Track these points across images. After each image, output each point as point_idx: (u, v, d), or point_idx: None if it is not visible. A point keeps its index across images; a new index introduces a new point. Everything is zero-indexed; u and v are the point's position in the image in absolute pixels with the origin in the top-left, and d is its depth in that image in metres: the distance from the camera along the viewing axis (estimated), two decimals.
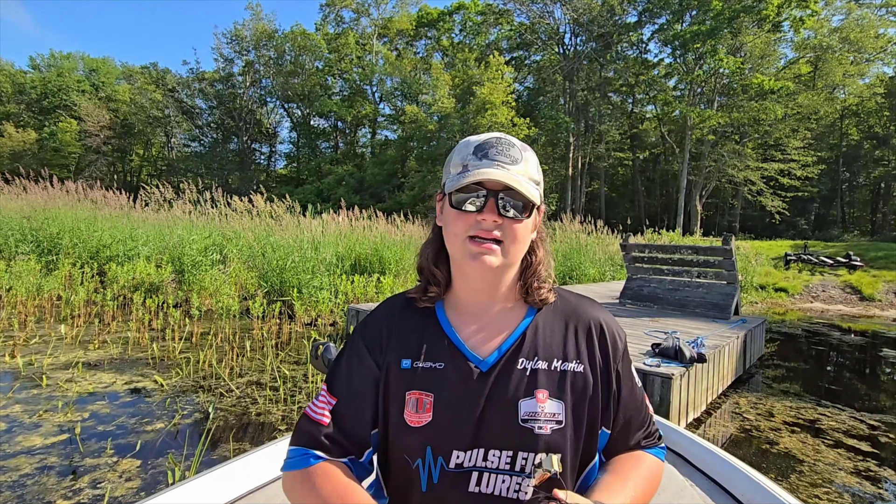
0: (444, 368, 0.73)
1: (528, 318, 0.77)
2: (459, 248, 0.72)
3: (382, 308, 0.83)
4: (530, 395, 0.71)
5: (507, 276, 0.76)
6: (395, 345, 0.77)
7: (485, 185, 0.70)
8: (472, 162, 0.71)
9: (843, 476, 2.92)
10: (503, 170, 0.70)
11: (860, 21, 26.57)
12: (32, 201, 9.58)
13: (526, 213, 0.72)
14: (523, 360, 0.73)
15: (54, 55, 41.15)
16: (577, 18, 29.19)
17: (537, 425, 0.69)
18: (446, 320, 0.78)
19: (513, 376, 0.72)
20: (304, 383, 4.08)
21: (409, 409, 0.71)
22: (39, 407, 3.32)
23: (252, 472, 1.25)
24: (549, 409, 0.70)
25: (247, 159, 39.49)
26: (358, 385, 0.76)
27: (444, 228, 0.76)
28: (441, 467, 0.69)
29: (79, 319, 5.90)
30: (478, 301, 0.78)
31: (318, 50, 36.98)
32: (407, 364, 0.74)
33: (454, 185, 0.70)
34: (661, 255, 6.92)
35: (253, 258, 8.03)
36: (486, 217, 0.69)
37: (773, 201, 25.26)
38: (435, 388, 0.72)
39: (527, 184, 0.71)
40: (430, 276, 0.80)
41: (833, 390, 4.88)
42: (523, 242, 0.74)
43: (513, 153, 0.72)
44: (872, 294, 12.29)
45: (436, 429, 0.70)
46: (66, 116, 36.52)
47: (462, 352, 0.74)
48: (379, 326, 0.80)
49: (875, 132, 29.46)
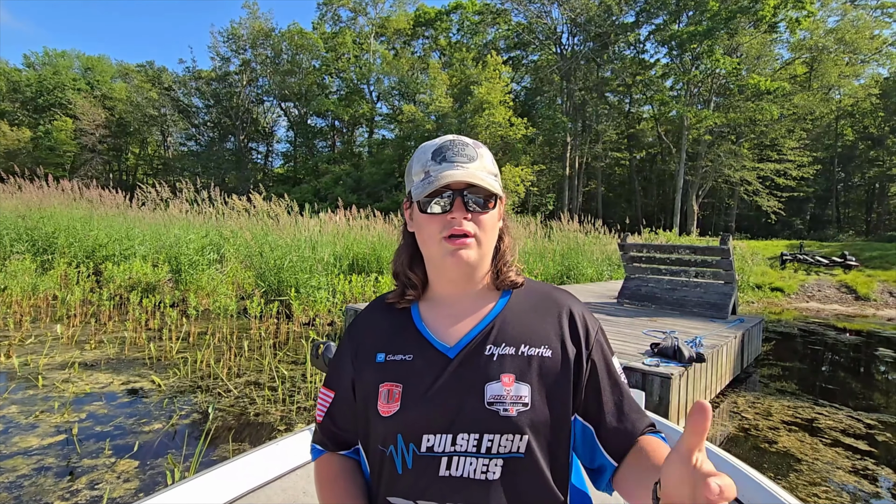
0: (412, 360, 0.77)
1: (498, 306, 0.80)
2: (437, 249, 0.76)
3: (367, 309, 0.89)
4: (496, 378, 0.72)
5: (483, 266, 0.80)
6: (372, 342, 0.82)
7: (450, 186, 0.74)
8: (433, 167, 0.75)
9: (841, 475, 2.93)
10: (463, 169, 0.74)
11: (855, 22, 26.70)
12: (27, 200, 9.52)
13: (491, 205, 0.76)
14: (491, 346, 0.75)
15: (49, 53, 40.83)
16: (575, 18, 29.22)
17: (503, 407, 0.70)
18: (419, 315, 0.82)
19: (479, 361, 0.74)
20: (303, 383, 4.07)
21: (382, 401, 0.75)
22: (36, 407, 3.30)
23: (251, 471, 1.25)
24: (515, 392, 0.71)
25: (243, 158, 39.33)
26: (344, 381, 0.83)
27: (418, 233, 0.79)
28: (413, 452, 0.72)
29: (75, 319, 5.86)
30: (453, 293, 0.81)
31: (316, 49, 36.86)
32: (381, 358, 0.79)
33: (422, 192, 0.74)
34: (659, 255, 6.94)
35: (250, 258, 8.00)
36: (456, 215, 0.74)
37: (769, 201, 25.37)
38: (404, 379, 0.75)
39: (487, 178, 0.75)
40: (406, 281, 0.84)
41: (830, 389, 4.91)
42: (493, 232, 0.78)
43: (468, 152, 0.76)
44: (868, 294, 12.36)
45: (404, 416, 0.72)
46: (61, 115, 36.27)
47: (430, 341, 0.78)
48: (362, 326, 0.86)
49: (870, 133, 29.63)
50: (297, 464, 1.38)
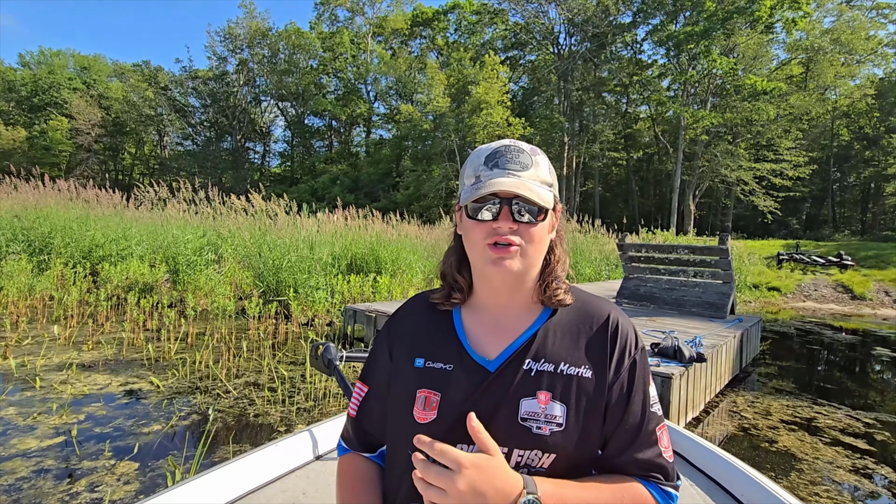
0: (452, 370, 0.75)
1: (540, 320, 0.78)
2: (480, 256, 0.74)
3: (407, 306, 0.88)
4: (532, 395, 0.71)
5: (528, 278, 0.77)
6: (411, 343, 0.81)
7: (498, 193, 0.71)
8: (484, 172, 0.74)
9: (841, 474, 2.94)
10: (514, 177, 0.72)
11: (851, 23, 26.85)
12: (23, 200, 9.45)
13: (541, 217, 0.73)
14: (529, 361, 0.74)
15: (44, 52, 40.61)
16: (572, 18, 29.27)
17: (536, 425, 0.70)
18: (461, 323, 0.80)
19: (517, 376, 0.73)
20: (303, 384, 4.05)
21: (418, 407, 0.74)
22: (34, 409, 3.27)
23: (251, 472, 1.25)
24: (551, 412, 0.71)
25: (240, 158, 39.24)
26: (380, 377, 0.83)
27: (464, 238, 0.78)
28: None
29: (72, 320, 5.83)
30: (496, 303, 0.79)
31: (313, 48, 36.81)
32: (420, 363, 0.78)
33: (469, 197, 0.73)
34: (658, 255, 6.95)
35: (248, 258, 7.97)
36: (502, 224, 0.71)
37: (766, 201, 25.47)
38: (442, 388, 0.74)
39: (538, 188, 0.73)
40: (454, 283, 0.82)
41: (828, 389, 4.93)
42: (541, 244, 0.75)
43: (522, 159, 0.74)
44: (863, 293, 12.43)
45: (440, 426, 0.72)
46: (56, 114, 36.07)
47: (469, 354, 0.76)
48: (402, 324, 0.85)
49: (865, 133, 29.77)
50: (297, 465, 1.37)
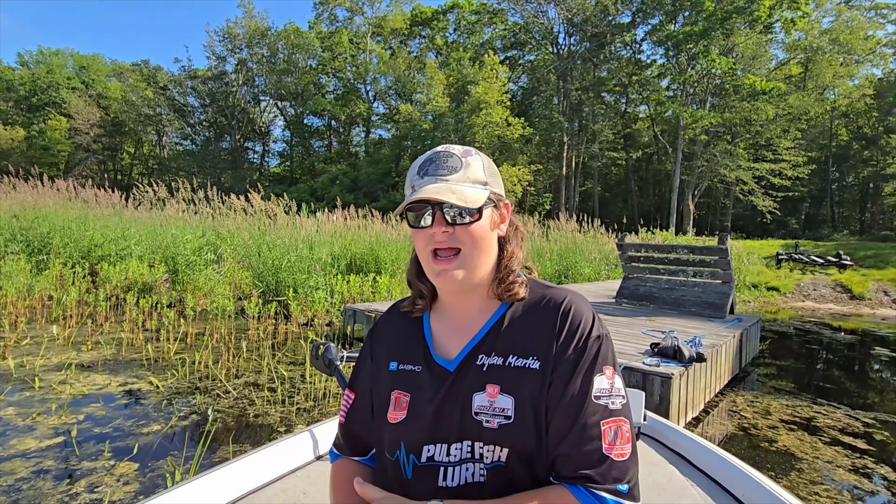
0: (420, 371, 0.79)
1: (494, 316, 0.79)
2: (427, 266, 0.77)
3: (386, 314, 0.92)
4: (482, 389, 0.73)
5: (478, 279, 0.77)
6: (388, 348, 0.85)
7: (427, 199, 0.72)
8: (417, 181, 0.76)
9: (841, 473, 2.94)
10: (442, 182, 0.73)
11: (850, 23, 26.89)
12: (22, 200, 9.44)
13: (476, 216, 0.73)
14: (482, 356, 0.76)
15: (43, 52, 40.51)
16: (571, 18, 29.26)
17: (485, 419, 0.71)
18: (428, 327, 0.84)
19: (470, 372, 0.75)
20: (302, 384, 4.05)
21: (391, 408, 0.78)
22: (33, 409, 3.27)
23: (251, 473, 1.25)
24: (499, 404, 0.71)
25: (239, 158, 39.17)
26: (365, 384, 0.86)
27: (415, 246, 0.80)
28: (413, 463, 0.74)
29: (71, 320, 5.82)
30: (456, 303, 0.82)
31: (312, 48, 36.76)
32: (394, 366, 0.82)
33: (404, 206, 0.75)
34: (657, 255, 6.95)
35: (248, 258, 7.96)
36: (436, 230, 0.73)
37: (765, 201, 25.50)
38: (411, 389, 0.78)
39: (467, 188, 0.73)
40: (417, 291, 0.85)
41: (827, 388, 4.93)
42: (482, 243, 0.75)
43: (451, 163, 0.75)
44: (862, 293, 12.44)
45: (407, 425, 0.75)
46: (55, 114, 35.99)
47: (433, 356, 0.79)
48: (381, 331, 0.89)
49: (864, 133, 29.82)
50: (297, 465, 1.37)
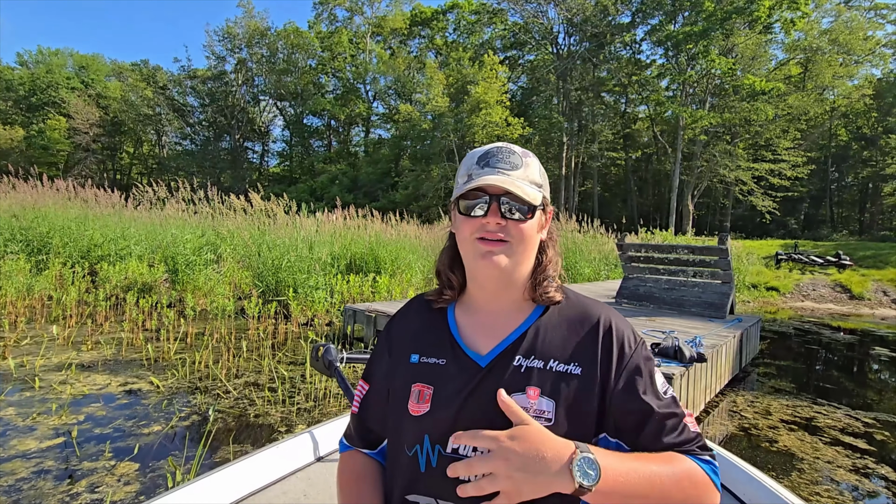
0: (445, 364, 0.78)
1: (531, 318, 0.80)
2: (470, 250, 0.77)
3: (406, 307, 0.92)
4: (521, 390, 0.73)
5: (517, 276, 0.79)
6: (408, 341, 0.84)
7: (486, 190, 0.75)
8: (476, 171, 0.77)
9: (842, 473, 2.95)
10: (504, 175, 0.75)
11: (849, 23, 26.89)
12: (21, 200, 9.42)
13: (529, 215, 0.76)
14: (520, 357, 0.76)
15: (42, 51, 40.51)
16: (571, 18, 29.28)
17: None
18: (454, 320, 0.84)
19: (507, 372, 0.75)
20: (303, 384, 4.05)
21: (413, 400, 0.77)
22: (33, 409, 3.26)
23: (252, 474, 1.24)
24: (539, 406, 0.72)
25: (239, 158, 39.17)
26: (380, 376, 0.86)
27: (456, 234, 0.81)
28: (438, 453, 0.73)
29: (71, 320, 5.81)
30: (487, 300, 0.82)
31: (312, 48, 36.78)
32: (415, 359, 0.81)
33: (459, 192, 0.77)
34: (658, 255, 6.95)
35: (248, 257, 7.95)
36: (490, 220, 0.74)
37: (764, 201, 25.51)
38: (435, 382, 0.77)
39: (527, 186, 0.75)
40: (446, 281, 0.86)
41: (827, 388, 4.93)
42: (529, 242, 0.78)
43: (513, 159, 0.77)
44: (862, 293, 12.46)
45: (432, 418, 0.74)
46: (54, 114, 35.98)
47: (462, 348, 0.79)
48: (401, 323, 0.89)
49: (863, 133, 29.86)
50: (298, 466, 1.36)
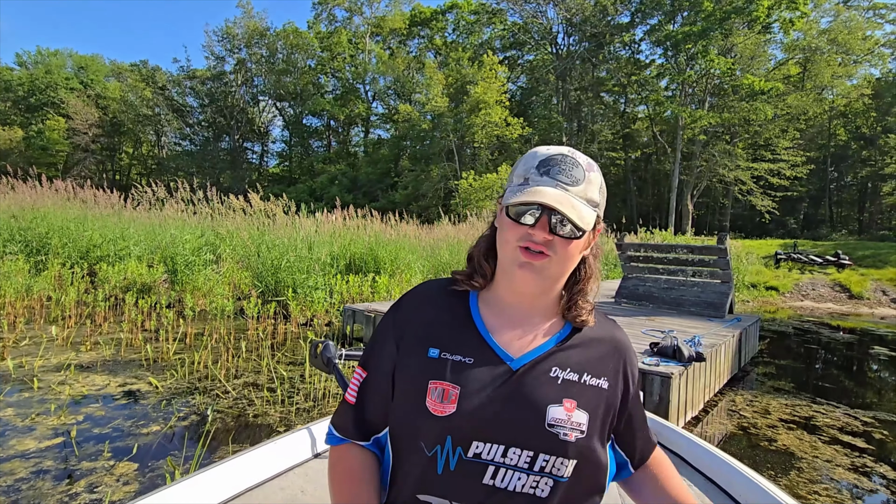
0: (473, 363, 0.73)
1: (564, 331, 0.80)
2: (510, 255, 0.73)
3: (416, 292, 0.84)
4: (559, 402, 0.72)
5: (551, 290, 0.77)
6: (423, 332, 0.77)
7: (541, 203, 0.71)
8: (534, 177, 0.73)
9: (841, 473, 2.95)
10: (562, 190, 0.71)
11: (848, 23, 26.91)
12: (20, 200, 9.42)
13: (579, 234, 0.72)
14: (556, 368, 0.75)
15: (41, 52, 40.51)
16: (570, 18, 29.29)
17: (563, 432, 0.71)
18: (479, 315, 0.79)
19: (543, 381, 0.73)
20: (302, 384, 4.05)
21: (433, 398, 0.71)
22: (32, 410, 3.26)
23: (249, 470, 1.24)
24: (576, 419, 0.72)
25: (238, 158, 39.17)
26: (384, 364, 0.79)
27: (499, 233, 0.77)
28: (459, 456, 0.70)
29: (70, 320, 5.81)
30: (516, 304, 0.79)
31: (311, 48, 36.78)
32: (434, 353, 0.75)
33: (512, 199, 0.71)
34: (657, 255, 6.96)
35: (247, 258, 7.95)
36: (537, 233, 0.71)
37: (763, 201, 25.52)
38: (462, 381, 0.72)
39: (583, 207, 0.71)
40: (478, 267, 0.81)
41: (826, 388, 4.94)
42: (571, 261, 0.75)
43: (575, 173, 0.73)
44: (861, 292, 12.47)
45: (459, 420, 0.70)
46: (53, 114, 35.96)
47: (493, 348, 0.75)
48: (413, 312, 0.81)
49: (862, 133, 29.88)
50: (296, 462, 1.36)
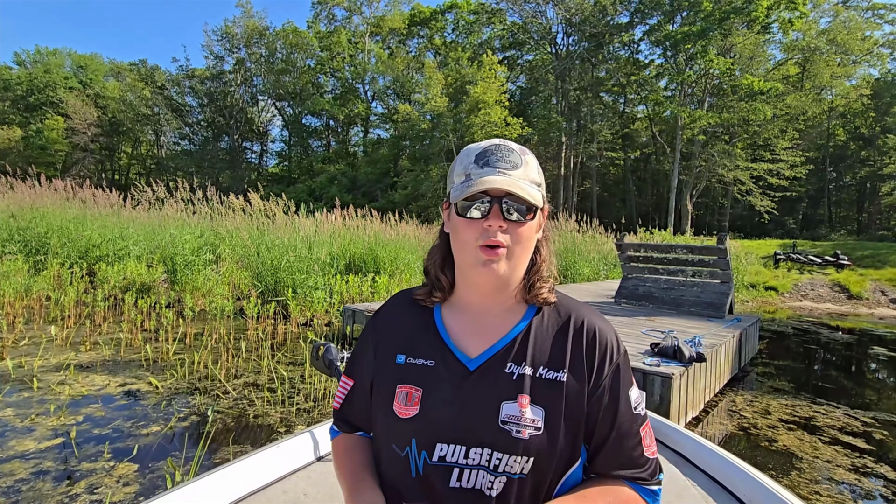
0: (434, 366, 0.76)
1: (523, 322, 0.78)
2: (470, 256, 0.74)
3: (391, 302, 0.88)
4: (513, 398, 0.72)
5: (513, 279, 0.77)
6: (394, 339, 0.82)
7: (488, 191, 0.72)
8: (474, 170, 0.74)
9: (841, 473, 2.95)
10: (505, 176, 0.72)
11: (847, 23, 26.93)
12: (19, 200, 9.40)
13: (530, 216, 0.74)
14: (511, 364, 0.74)
15: (40, 51, 40.43)
16: (570, 18, 29.29)
17: (516, 429, 0.70)
18: (441, 321, 0.81)
19: (498, 378, 0.73)
20: (302, 384, 4.04)
21: (399, 402, 0.75)
22: (31, 410, 3.25)
23: (252, 473, 1.24)
24: (530, 415, 0.71)
25: (237, 158, 39.12)
26: (365, 371, 0.84)
27: (453, 236, 0.77)
28: (424, 460, 0.72)
29: (69, 320, 5.80)
30: (479, 303, 0.80)
31: (310, 48, 36.74)
32: (401, 359, 0.78)
33: (460, 195, 0.72)
34: (657, 255, 6.96)
35: (247, 258, 7.94)
36: (492, 223, 0.71)
37: (762, 201, 25.54)
38: (424, 384, 0.75)
39: (528, 187, 0.73)
40: (436, 281, 0.83)
41: (826, 388, 4.94)
42: (528, 244, 0.76)
43: (513, 158, 0.74)
44: (860, 292, 12.48)
45: (421, 422, 0.72)
46: (52, 113, 35.89)
47: (452, 351, 0.77)
48: (385, 320, 0.86)
49: (861, 133, 29.92)
50: (298, 465, 1.36)
